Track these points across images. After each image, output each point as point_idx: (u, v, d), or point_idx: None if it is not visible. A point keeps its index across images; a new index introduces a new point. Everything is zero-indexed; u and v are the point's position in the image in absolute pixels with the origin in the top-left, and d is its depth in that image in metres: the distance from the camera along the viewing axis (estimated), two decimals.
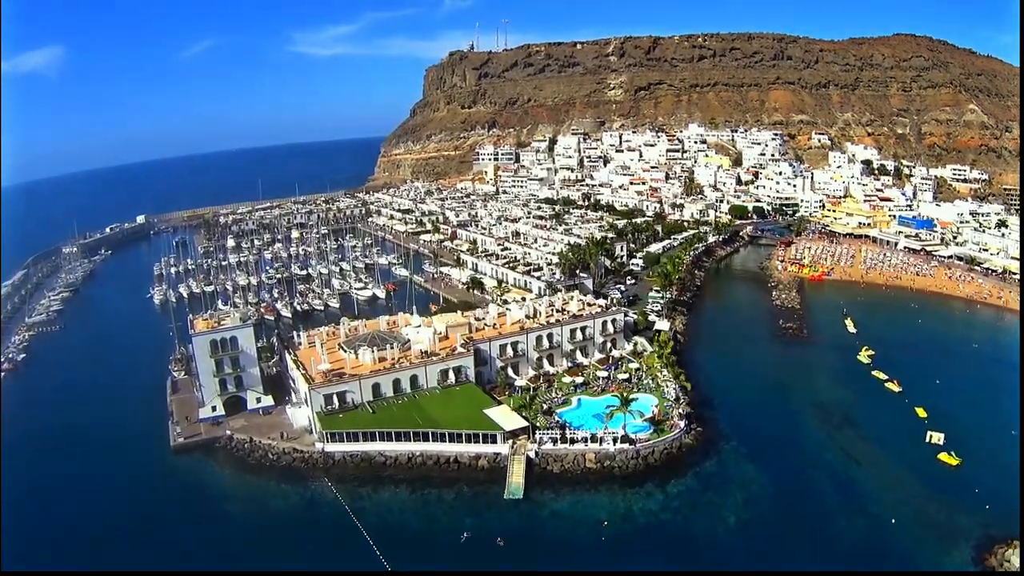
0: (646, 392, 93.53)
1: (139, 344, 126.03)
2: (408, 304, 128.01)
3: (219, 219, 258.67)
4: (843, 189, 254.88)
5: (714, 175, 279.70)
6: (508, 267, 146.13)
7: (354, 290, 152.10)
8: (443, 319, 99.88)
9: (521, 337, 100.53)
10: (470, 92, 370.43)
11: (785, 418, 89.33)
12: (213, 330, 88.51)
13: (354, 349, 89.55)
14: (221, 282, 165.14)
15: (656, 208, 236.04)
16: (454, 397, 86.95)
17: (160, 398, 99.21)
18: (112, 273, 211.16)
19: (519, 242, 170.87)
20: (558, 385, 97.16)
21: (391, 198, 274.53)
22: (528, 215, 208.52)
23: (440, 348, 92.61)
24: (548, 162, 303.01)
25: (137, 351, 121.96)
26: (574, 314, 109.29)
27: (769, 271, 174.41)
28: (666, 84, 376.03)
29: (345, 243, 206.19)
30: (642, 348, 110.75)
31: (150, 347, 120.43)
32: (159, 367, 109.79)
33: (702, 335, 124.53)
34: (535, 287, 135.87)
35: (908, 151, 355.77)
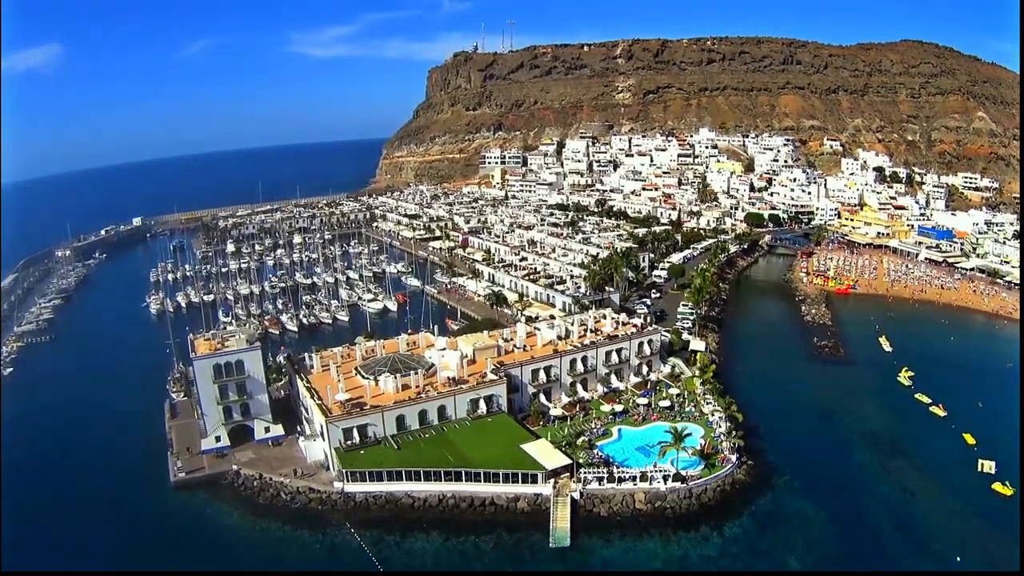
0: (690, 421, 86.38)
1: (134, 360, 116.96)
2: (424, 319, 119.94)
3: (218, 223, 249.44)
4: (857, 197, 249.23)
5: (727, 181, 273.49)
6: (528, 279, 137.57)
7: (363, 301, 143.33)
8: (469, 340, 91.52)
9: (554, 361, 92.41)
10: (475, 94, 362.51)
11: (834, 447, 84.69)
12: (216, 353, 79.91)
13: (374, 375, 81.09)
14: (221, 291, 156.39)
15: (671, 215, 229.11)
16: (486, 430, 78.61)
17: (158, 423, 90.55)
18: (107, 279, 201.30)
19: (535, 251, 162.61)
20: (596, 414, 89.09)
21: (396, 202, 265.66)
22: (541, 222, 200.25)
23: (468, 374, 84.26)
24: (556, 166, 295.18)
25: (132, 368, 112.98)
26: (609, 334, 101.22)
27: (794, 283, 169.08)
28: (675, 88, 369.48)
29: (350, 249, 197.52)
30: (679, 371, 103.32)
31: (146, 363, 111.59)
32: (156, 387, 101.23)
33: (736, 354, 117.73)
34: (559, 302, 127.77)
35: (919, 158, 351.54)
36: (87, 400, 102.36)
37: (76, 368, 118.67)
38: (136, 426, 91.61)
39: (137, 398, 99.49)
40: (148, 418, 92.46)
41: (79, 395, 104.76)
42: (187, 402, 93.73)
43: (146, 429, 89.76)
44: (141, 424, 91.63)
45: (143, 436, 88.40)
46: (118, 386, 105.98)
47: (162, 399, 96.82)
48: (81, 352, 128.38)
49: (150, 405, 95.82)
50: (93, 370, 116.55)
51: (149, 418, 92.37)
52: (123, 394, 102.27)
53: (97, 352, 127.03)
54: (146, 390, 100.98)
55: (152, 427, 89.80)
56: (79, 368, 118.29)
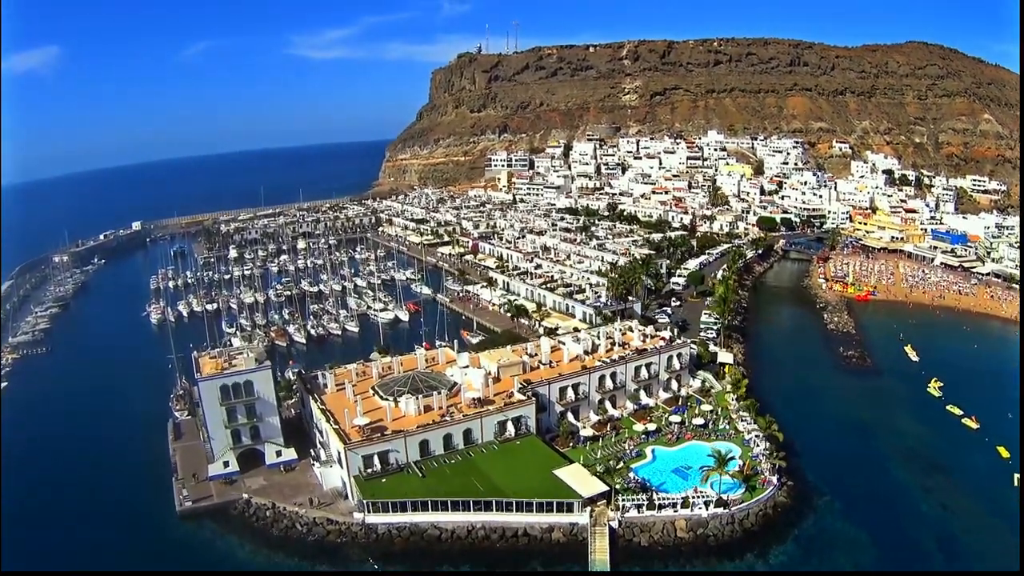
0: (725, 439, 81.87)
1: (135, 375, 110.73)
2: (438, 330, 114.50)
3: (220, 227, 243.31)
4: (868, 200, 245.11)
5: (738, 184, 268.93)
6: (546, 288, 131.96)
7: (373, 311, 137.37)
8: (492, 357, 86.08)
9: (583, 377, 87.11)
10: (479, 95, 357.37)
11: (871, 464, 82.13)
12: (223, 373, 74.19)
13: (393, 396, 75.56)
14: (224, 300, 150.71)
15: (683, 219, 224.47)
16: (516, 454, 73.19)
17: (160, 445, 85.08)
18: (105, 286, 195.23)
19: (549, 258, 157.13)
20: (628, 433, 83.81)
21: (402, 206, 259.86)
22: (552, 227, 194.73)
23: (494, 393, 78.85)
24: (564, 169, 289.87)
25: (133, 384, 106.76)
26: (638, 348, 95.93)
27: (812, 289, 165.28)
28: (682, 89, 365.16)
29: (356, 255, 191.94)
30: (709, 385, 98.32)
31: (147, 379, 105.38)
32: (158, 405, 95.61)
33: (762, 365, 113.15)
34: (579, 312, 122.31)
35: (927, 160, 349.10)
36: (85, 419, 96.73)
37: (73, 383, 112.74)
38: (138, 448, 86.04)
39: (138, 417, 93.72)
40: (150, 439, 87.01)
41: (77, 413, 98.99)
42: (191, 422, 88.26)
43: (148, 451, 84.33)
44: (143, 446, 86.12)
45: (145, 459, 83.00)
46: (118, 403, 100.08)
47: (165, 418, 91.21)
48: (79, 365, 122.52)
49: (152, 425, 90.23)
50: (91, 385, 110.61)
51: (151, 439, 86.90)
52: (123, 412, 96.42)
53: (95, 366, 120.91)
54: (148, 408, 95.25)
55: (155, 449, 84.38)
56: (77, 383, 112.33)
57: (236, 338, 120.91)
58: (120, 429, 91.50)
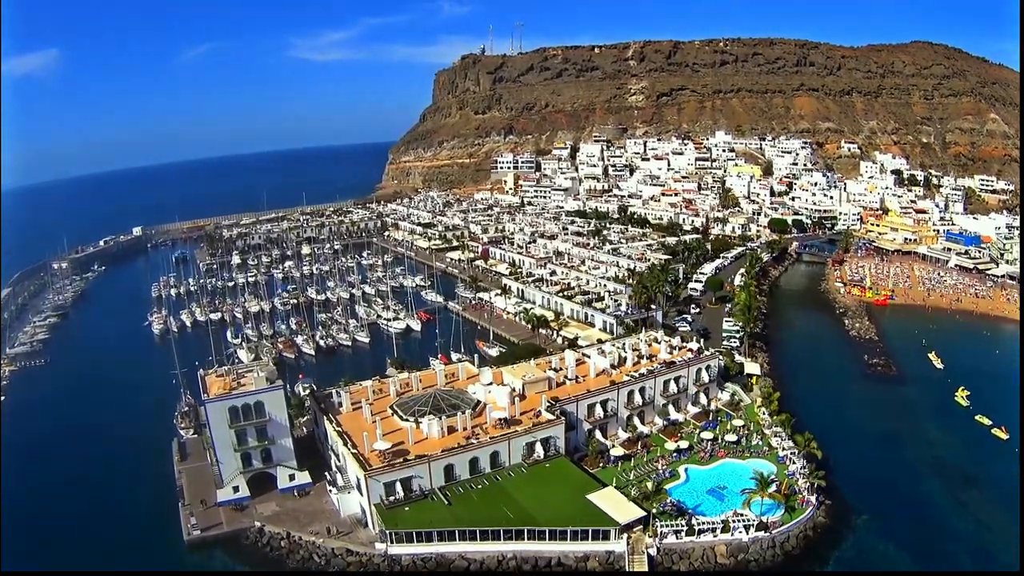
0: (759, 456, 77.82)
1: (137, 389, 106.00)
2: (453, 342, 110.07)
3: (222, 232, 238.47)
4: (879, 201, 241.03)
5: (747, 186, 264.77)
6: (563, 296, 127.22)
7: (384, 321, 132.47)
8: (516, 372, 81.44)
9: (611, 393, 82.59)
10: (484, 97, 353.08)
11: (904, 478, 79.57)
12: (232, 394, 69.42)
13: (414, 416, 70.91)
14: (228, 308, 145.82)
15: (694, 222, 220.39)
16: (545, 478, 68.60)
17: (166, 466, 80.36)
18: (106, 293, 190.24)
19: (563, 263, 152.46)
20: (660, 452, 79.35)
21: (407, 210, 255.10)
22: (563, 231, 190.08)
23: (520, 412, 74.23)
24: (571, 171, 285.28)
25: (135, 399, 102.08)
26: (667, 361, 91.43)
27: (830, 294, 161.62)
28: (688, 90, 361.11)
29: (363, 260, 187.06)
30: (738, 398, 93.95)
31: (150, 394, 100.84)
32: (162, 422, 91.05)
33: (787, 374, 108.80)
34: (599, 321, 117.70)
35: (934, 160, 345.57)
36: (86, 438, 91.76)
37: (73, 398, 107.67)
38: (142, 470, 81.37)
39: (141, 436, 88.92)
40: (154, 460, 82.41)
41: (77, 431, 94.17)
42: (197, 441, 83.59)
43: (153, 474, 79.77)
44: (147, 468, 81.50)
45: (150, 483, 78.40)
46: (120, 421, 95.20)
47: (169, 437, 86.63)
48: (78, 379, 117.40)
49: (156, 444, 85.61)
50: (91, 401, 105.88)
51: (155, 460, 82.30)
52: (125, 431, 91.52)
53: (95, 379, 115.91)
54: (151, 426, 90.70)
55: (159, 471, 79.67)
56: (76, 398, 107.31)
57: (242, 350, 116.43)
58: (123, 449, 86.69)
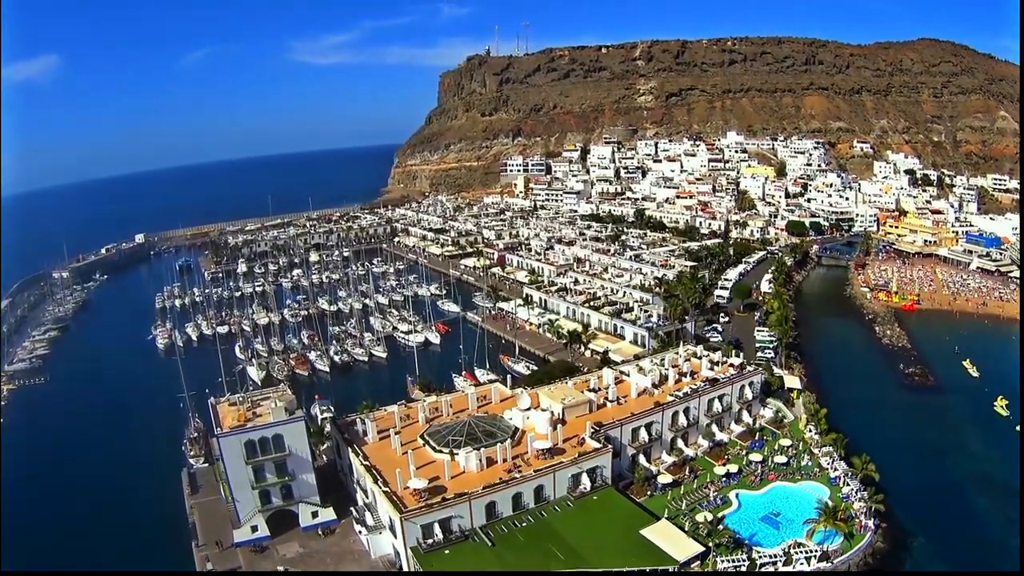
0: (810, 478, 72.62)
1: (142, 410, 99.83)
2: (477, 356, 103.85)
3: (227, 239, 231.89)
4: (894, 201, 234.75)
5: (762, 187, 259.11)
6: (589, 307, 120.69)
7: (400, 334, 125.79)
8: (554, 395, 75.01)
9: (656, 415, 76.27)
10: (491, 99, 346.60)
11: (951, 494, 77.12)
12: (248, 427, 62.83)
13: (449, 447, 64.52)
14: (236, 321, 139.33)
15: (711, 225, 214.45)
16: (594, 511, 62.26)
17: (175, 499, 73.86)
18: (108, 305, 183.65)
19: (585, 271, 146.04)
20: (710, 477, 73.20)
21: (417, 214, 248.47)
22: (581, 236, 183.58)
23: (563, 440, 67.83)
24: (582, 173, 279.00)
25: (141, 422, 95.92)
26: (710, 378, 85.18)
27: (856, 299, 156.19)
28: (698, 90, 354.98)
29: (373, 268, 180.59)
30: (782, 415, 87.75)
31: (156, 415, 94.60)
32: (171, 449, 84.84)
33: (824, 387, 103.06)
34: (629, 333, 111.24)
35: (946, 159, 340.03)
36: (89, 465, 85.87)
37: (75, 421, 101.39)
38: (150, 504, 74.97)
39: (148, 464, 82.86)
40: (163, 491, 76.02)
41: (79, 458, 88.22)
42: (209, 471, 77.17)
43: (162, 508, 73.37)
44: (155, 501, 75.11)
45: (159, 518, 72.14)
46: (124, 447, 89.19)
47: (178, 465, 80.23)
48: (80, 400, 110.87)
49: (164, 473, 79.24)
50: (94, 424, 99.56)
51: (164, 491, 75.88)
52: (131, 458, 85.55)
53: (98, 400, 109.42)
54: (158, 454, 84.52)
55: (169, 505, 73.24)
56: (78, 421, 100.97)
57: (252, 366, 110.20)
58: (129, 480, 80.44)
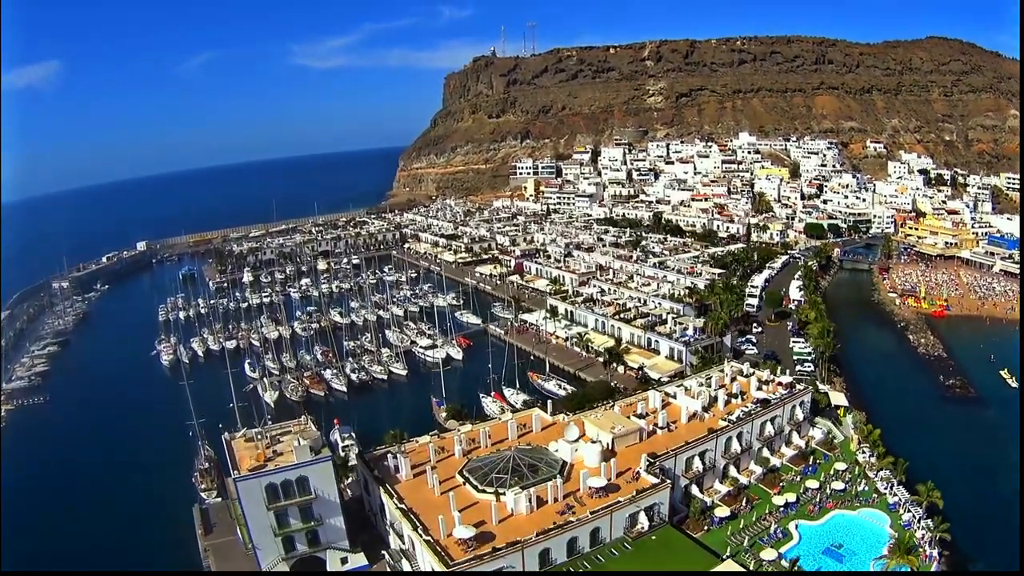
0: (869, 505, 67.22)
1: (148, 434, 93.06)
2: (505, 375, 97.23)
3: (231, 246, 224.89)
4: (910, 202, 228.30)
5: (778, 189, 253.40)
6: (620, 319, 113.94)
7: (420, 349, 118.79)
8: (602, 423, 68.41)
9: (710, 443, 69.88)
10: (498, 100, 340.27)
11: (1006, 515, 70.44)
12: (269, 470, 56.16)
13: (494, 487, 57.94)
14: (243, 335, 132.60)
15: (729, 228, 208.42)
16: (654, 553, 55.73)
17: (187, 540, 67.20)
18: (109, 317, 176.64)
19: (609, 279, 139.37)
20: (768, 507, 66.90)
21: (426, 219, 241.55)
22: (599, 242, 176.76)
23: (616, 474, 61.30)
24: (594, 176, 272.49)
25: (146, 447, 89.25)
26: (761, 399, 78.72)
27: (885, 305, 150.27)
28: (708, 90, 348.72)
29: (384, 276, 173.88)
30: (832, 436, 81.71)
31: (163, 441, 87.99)
32: (180, 479, 78.57)
33: (865, 401, 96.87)
34: (664, 348, 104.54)
35: (958, 159, 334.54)
36: (92, 498, 79.13)
37: (76, 447, 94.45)
38: (160, 545, 68.21)
39: (156, 498, 75.96)
40: (173, 530, 69.34)
41: (82, 490, 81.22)
42: (223, 507, 70.65)
43: (173, 551, 66.80)
44: (166, 542, 68.37)
45: (169, 562, 65.54)
46: (130, 476, 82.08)
47: (189, 500, 73.66)
48: (81, 422, 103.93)
49: (174, 509, 72.48)
50: (97, 450, 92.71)
51: (174, 530, 69.20)
52: (138, 490, 78.36)
53: (101, 424, 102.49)
54: (166, 486, 77.93)
55: (180, 547, 66.68)
56: (79, 447, 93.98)
57: (263, 386, 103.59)
58: (136, 518, 73.27)
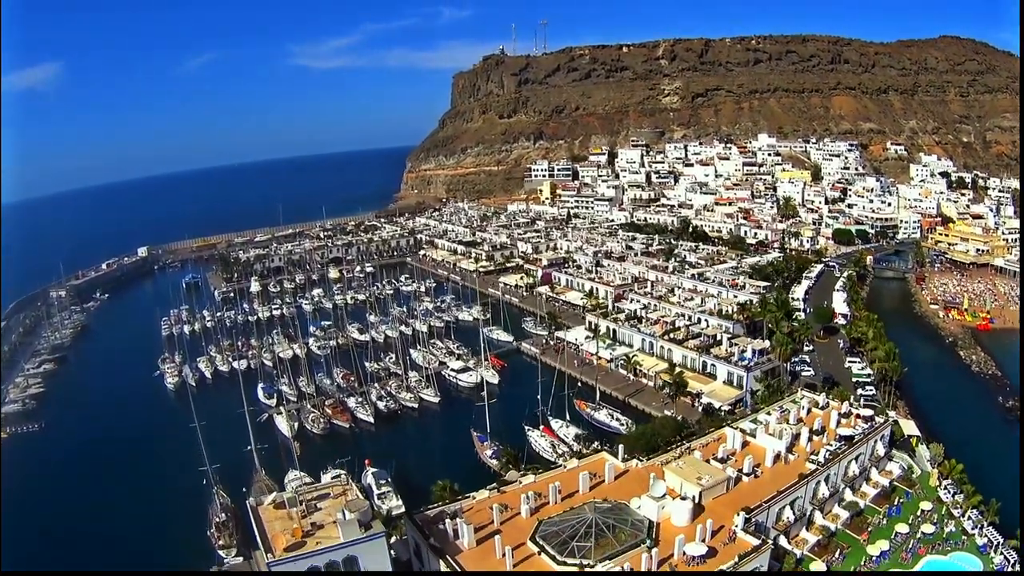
0: (959, 548, 59.50)
1: (154, 476, 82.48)
2: (553, 405, 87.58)
3: (237, 253, 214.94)
4: (935, 206, 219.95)
5: (802, 193, 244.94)
6: (670, 340, 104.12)
7: (451, 372, 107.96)
8: (686, 473, 58.96)
9: (800, 490, 60.99)
10: (509, 100, 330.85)
11: None
12: (310, 551, 45.89)
13: (576, 556, 48.58)
14: (255, 353, 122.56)
15: (757, 234, 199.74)
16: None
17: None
18: (110, 330, 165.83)
19: (647, 292, 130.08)
20: (862, 558, 58.23)
21: (441, 224, 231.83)
22: (628, 249, 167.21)
23: (710, 534, 52.06)
24: (612, 178, 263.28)
25: (152, 494, 78.34)
26: (844, 436, 69.79)
27: (928, 318, 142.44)
28: (724, 90, 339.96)
29: (401, 287, 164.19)
30: (910, 469, 73.38)
31: (171, 483, 78.09)
32: (193, 534, 68.70)
33: (932, 425, 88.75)
34: (722, 373, 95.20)
35: (977, 161, 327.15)
36: (89, 553, 68.93)
37: (74, 487, 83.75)
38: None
39: (167, 559, 66.00)
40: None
41: (82, 547, 70.72)
42: (246, 567, 61.34)
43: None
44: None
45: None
46: (136, 528, 71.52)
47: (205, 558, 64.14)
48: (79, 457, 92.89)
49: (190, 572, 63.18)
50: (96, 489, 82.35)
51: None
52: (145, 547, 67.97)
53: (100, 460, 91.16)
54: (179, 542, 67.81)
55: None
56: (77, 488, 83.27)
57: (280, 415, 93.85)
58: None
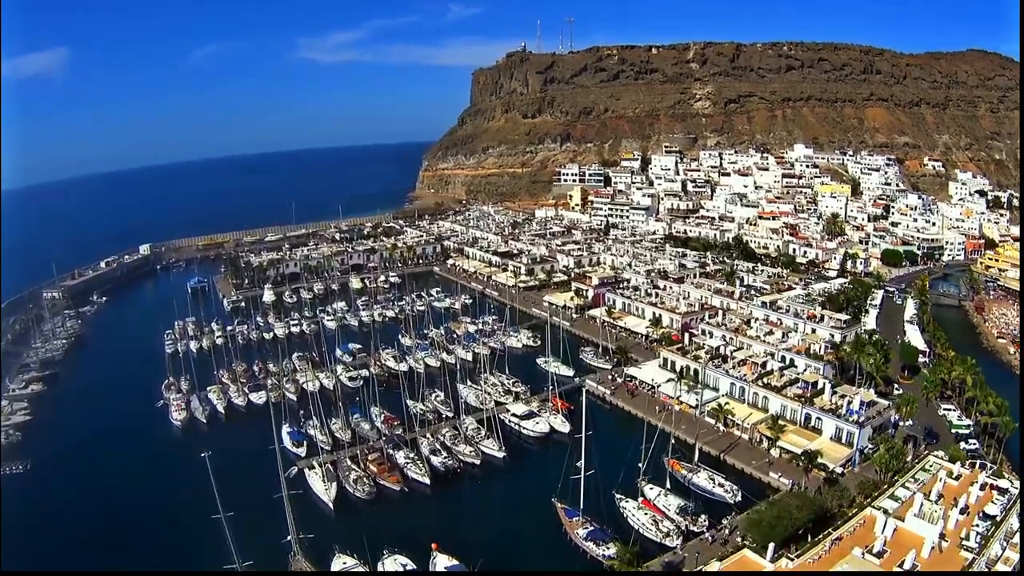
0: None
1: (163, 536, 67.44)
2: (646, 465, 72.27)
3: (245, 254, 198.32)
4: (978, 227, 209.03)
5: (844, 209, 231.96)
6: (763, 385, 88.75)
7: (513, 418, 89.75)
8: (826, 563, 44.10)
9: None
10: (534, 99, 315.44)
11: None
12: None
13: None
14: (274, 383, 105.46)
15: (807, 252, 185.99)
16: None
17: None
18: (107, 341, 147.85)
19: (719, 323, 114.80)
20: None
21: (468, 230, 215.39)
22: (682, 268, 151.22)
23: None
24: (646, 186, 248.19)
25: (161, 554, 63.97)
26: (987, 515, 55.34)
27: (998, 353, 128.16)
28: (757, 96, 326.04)
29: (433, 301, 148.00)
30: None
31: (184, 548, 63.70)
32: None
33: None
34: (829, 428, 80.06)
35: (1010, 179, 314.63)
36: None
37: (64, 551, 68.18)
38: None
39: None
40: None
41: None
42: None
43: None
44: None
45: None
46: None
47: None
48: (71, 508, 76.65)
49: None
50: (91, 554, 67.08)
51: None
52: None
53: (99, 519, 74.99)
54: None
55: None
56: (72, 556, 67.36)
57: (314, 472, 77.83)
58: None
